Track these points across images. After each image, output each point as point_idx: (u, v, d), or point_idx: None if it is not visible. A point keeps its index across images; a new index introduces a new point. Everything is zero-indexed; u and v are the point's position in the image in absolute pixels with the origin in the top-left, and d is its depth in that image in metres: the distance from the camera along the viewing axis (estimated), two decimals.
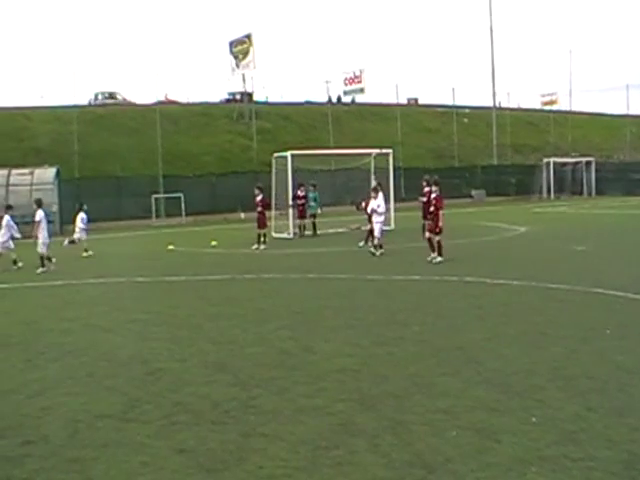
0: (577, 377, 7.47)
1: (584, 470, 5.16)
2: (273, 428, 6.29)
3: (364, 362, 8.40)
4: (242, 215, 42.65)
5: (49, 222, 21.91)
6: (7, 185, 38.19)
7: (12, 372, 8.62)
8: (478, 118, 68.88)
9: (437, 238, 17.97)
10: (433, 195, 18.51)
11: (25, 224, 36.41)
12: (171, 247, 24.53)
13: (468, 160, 60.91)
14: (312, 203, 29.37)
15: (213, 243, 25.40)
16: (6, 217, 20.37)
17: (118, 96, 63.03)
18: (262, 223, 24.41)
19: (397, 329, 10.24)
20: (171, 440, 6.09)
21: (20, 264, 19.92)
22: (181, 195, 42.85)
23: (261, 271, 17.62)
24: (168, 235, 31.43)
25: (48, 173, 39.82)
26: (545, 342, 9.12)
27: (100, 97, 62.71)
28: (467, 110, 70.68)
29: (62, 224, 39.41)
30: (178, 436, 6.18)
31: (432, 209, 18.29)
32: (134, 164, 47.06)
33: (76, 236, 24.96)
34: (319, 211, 29.86)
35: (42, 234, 19.85)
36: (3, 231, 20.06)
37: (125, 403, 7.18)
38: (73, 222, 25.45)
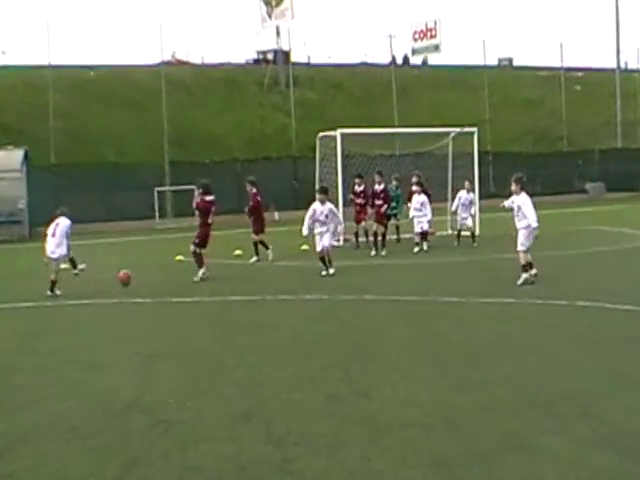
0: None
1: None
2: None
3: (440, 413, 8.38)
4: (276, 215, 42.81)
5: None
6: None
7: None
8: (596, 85, 68.20)
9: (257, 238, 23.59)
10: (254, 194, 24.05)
11: None
12: (180, 257, 24.71)
13: (581, 143, 60.36)
14: (394, 203, 29.04)
15: (237, 252, 25.51)
16: None
17: None
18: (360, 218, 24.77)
19: (484, 369, 10.22)
20: None
21: None
22: (194, 188, 43.05)
23: (302, 290, 17.69)
24: (176, 241, 31.65)
25: (13, 157, 39.13)
26: None
27: None
28: (580, 74, 70.05)
29: (32, 226, 38.50)
30: None
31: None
32: (132, 147, 47.49)
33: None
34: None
35: None
36: None
37: (119, 467, 7.17)
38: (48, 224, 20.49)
